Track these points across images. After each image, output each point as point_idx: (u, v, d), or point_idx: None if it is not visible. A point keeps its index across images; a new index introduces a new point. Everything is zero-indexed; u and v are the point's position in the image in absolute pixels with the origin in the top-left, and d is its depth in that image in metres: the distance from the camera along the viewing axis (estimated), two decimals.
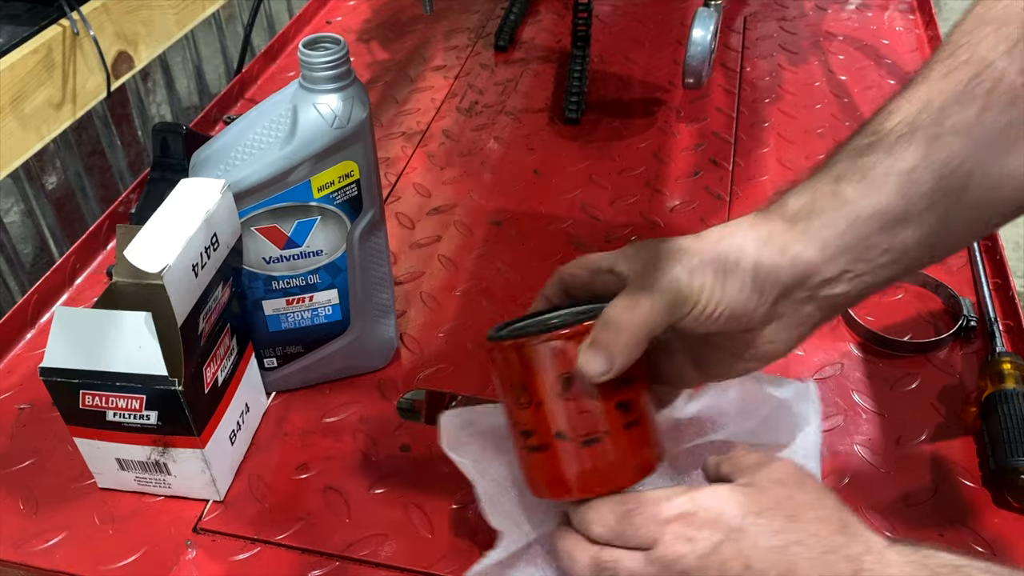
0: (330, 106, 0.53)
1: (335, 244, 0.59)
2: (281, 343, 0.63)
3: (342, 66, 0.53)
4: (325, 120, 0.54)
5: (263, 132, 0.55)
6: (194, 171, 0.56)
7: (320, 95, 0.53)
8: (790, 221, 0.44)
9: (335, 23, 1.18)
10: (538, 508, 0.52)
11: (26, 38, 0.83)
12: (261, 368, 0.64)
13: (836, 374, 0.67)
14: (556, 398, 0.45)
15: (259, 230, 0.57)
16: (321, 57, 0.52)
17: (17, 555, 0.56)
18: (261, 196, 0.56)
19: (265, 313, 0.61)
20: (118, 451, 0.56)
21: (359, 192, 0.58)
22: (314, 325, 0.63)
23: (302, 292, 0.61)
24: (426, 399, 0.66)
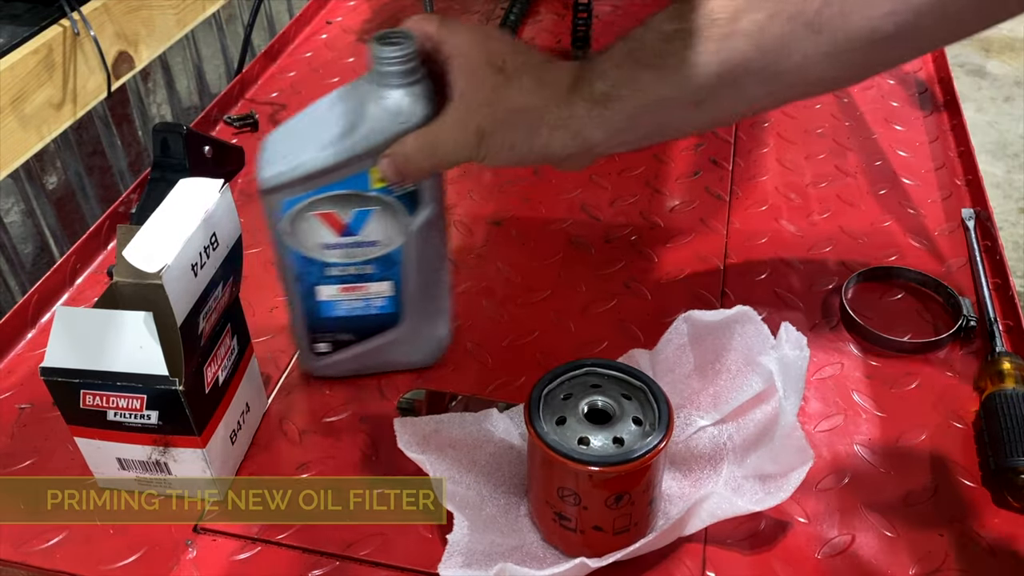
0: (397, 101, 0.54)
1: (391, 236, 0.59)
2: (333, 330, 0.64)
3: (410, 62, 0.53)
4: (390, 114, 0.54)
5: (330, 120, 0.55)
6: (261, 151, 0.57)
7: (387, 90, 0.54)
8: (591, 103, 0.51)
9: (335, 23, 1.18)
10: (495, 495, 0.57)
11: (27, 38, 0.83)
12: (313, 353, 0.65)
13: (836, 374, 0.67)
14: (604, 507, 0.51)
15: (318, 215, 0.57)
16: (390, 52, 0.53)
17: (17, 555, 0.56)
18: (322, 182, 0.56)
19: (319, 299, 0.62)
20: (119, 451, 0.56)
21: (418, 186, 0.58)
22: (366, 315, 0.63)
23: (356, 281, 0.61)
24: (426, 399, 0.66)
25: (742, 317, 0.57)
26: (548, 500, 0.52)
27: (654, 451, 0.49)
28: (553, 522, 0.53)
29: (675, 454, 0.59)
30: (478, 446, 0.58)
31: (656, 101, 0.50)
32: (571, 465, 0.49)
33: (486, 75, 0.52)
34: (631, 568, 0.54)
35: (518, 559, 0.53)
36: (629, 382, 0.53)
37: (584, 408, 0.52)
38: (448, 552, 0.52)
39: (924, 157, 0.89)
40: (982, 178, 0.83)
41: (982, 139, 2.37)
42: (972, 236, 0.77)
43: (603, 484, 0.50)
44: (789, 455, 0.53)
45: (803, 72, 0.48)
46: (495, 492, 0.57)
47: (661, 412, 0.51)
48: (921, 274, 0.74)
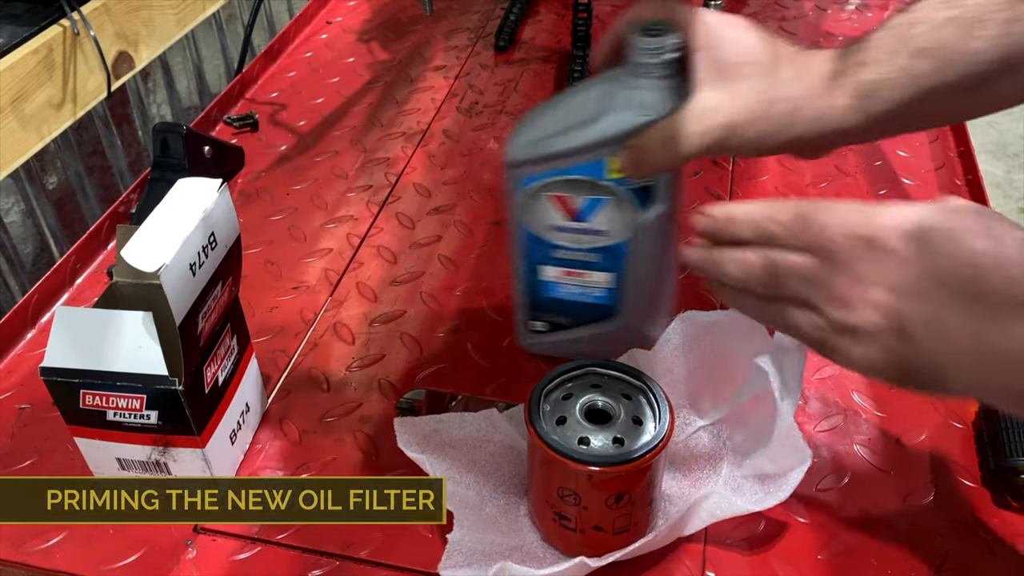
0: (646, 93, 0.53)
1: (619, 228, 0.59)
2: (551, 310, 0.65)
3: (667, 55, 0.52)
4: (636, 106, 0.54)
5: (581, 105, 0.55)
6: (516, 125, 0.58)
7: (640, 79, 0.53)
8: (856, 94, 0.49)
9: (335, 23, 1.18)
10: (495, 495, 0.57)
11: (26, 38, 0.83)
12: (529, 330, 0.66)
13: (836, 374, 0.67)
14: (603, 507, 0.51)
15: (551, 197, 0.58)
16: (648, 44, 0.52)
17: (17, 555, 0.56)
18: (560, 164, 0.56)
19: (541, 278, 0.63)
20: (118, 451, 0.56)
21: (653, 182, 0.58)
22: (584, 302, 0.63)
23: (579, 267, 0.61)
24: (426, 399, 0.66)
25: (739, 317, 0.57)
26: (548, 500, 0.52)
27: (654, 451, 0.49)
28: (553, 522, 0.53)
29: (674, 454, 0.59)
30: (478, 446, 0.58)
31: (929, 90, 0.48)
32: (571, 465, 0.49)
33: (738, 66, 0.51)
34: (631, 568, 0.54)
35: (518, 559, 0.53)
36: (629, 382, 0.53)
37: (584, 408, 0.52)
38: (448, 552, 0.52)
39: (924, 157, 0.89)
40: (982, 178, 0.83)
41: (982, 139, 2.37)
42: None
43: (603, 484, 0.50)
44: (787, 455, 0.53)
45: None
46: (495, 492, 0.57)
47: (661, 412, 0.51)
48: None
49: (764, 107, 0.50)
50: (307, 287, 0.77)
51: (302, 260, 0.80)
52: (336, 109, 1.01)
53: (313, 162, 0.92)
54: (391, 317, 0.73)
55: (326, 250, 0.81)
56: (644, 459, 0.49)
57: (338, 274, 0.78)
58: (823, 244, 0.43)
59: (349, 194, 0.88)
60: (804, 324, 0.44)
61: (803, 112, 0.50)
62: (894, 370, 0.42)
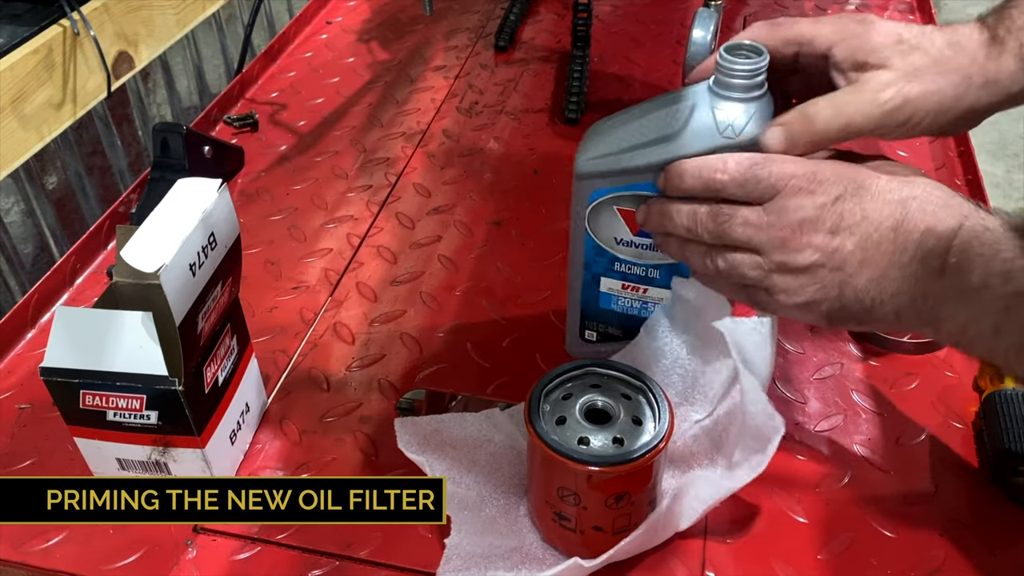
0: (729, 114, 0.52)
1: None
2: (605, 321, 0.64)
3: (751, 78, 0.52)
4: (716, 126, 0.53)
5: (657, 120, 0.55)
6: (587, 136, 0.57)
7: (721, 100, 0.53)
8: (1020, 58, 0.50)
9: (335, 23, 1.19)
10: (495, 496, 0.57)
11: (26, 38, 0.83)
12: (581, 338, 0.66)
13: (836, 374, 0.67)
14: (603, 507, 0.51)
15: (620, 210, 0.57)
16: (739, 65, 0.51)
17: (17, 555, 0.56)
18: (630, 179, 0.56)
19: (600, 289, 0.62)
20: (118, 451, 0.56)
21: None
22: (639, 316, 0.63)
23: (638, 282, 0.61)
24: (426, 399, 0.66)
25: (714, 303, 0.57)
26: (548, 500, 0.52)
27: (654, 451, 0.49)
28: (553, 522, 0.53)
29: (673, 452, 0.59)
30: (478, 446, 0.58)
31: None
32: (571, 465, 0.49)
33: (881, 49, 0.51)
34: (631, 568, 0.54)
35: (517, 560, 0.53)
36: (629, 382, 0.53)
37: (584, 408, 0.52)
38: (446, 556, 0.52)
39: (924, 157, 0.89)
40: (982, 178, 0.83)
41: (982, 139, 2.37)
42: None
43: (603, 484, 0.50)
44: (760, 426, 0.53)
45: None
46: (495, 492, 0.57)
47: (661, 412, 0.51)
48: None
49: (936, 78, 0.50)
50: (307, 287, 0.77)
51: (302, 260, 0.80)
52: (336, 109, 1.01)
53: (313, 162, 0.92)
54: (391, 317, 0.73)
55: (326, 250, 0.81)
56: (644, 459, 0.49)
57: (338, 274, 0.78)
58: (767, 194, 0.48)
59: (349, 194, 0.88)
60: (746, 265, 0.49)
61: (974, 79, 0.50)
62: (827, 303, 0.48)
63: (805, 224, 0.47)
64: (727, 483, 0.53)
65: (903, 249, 0.46)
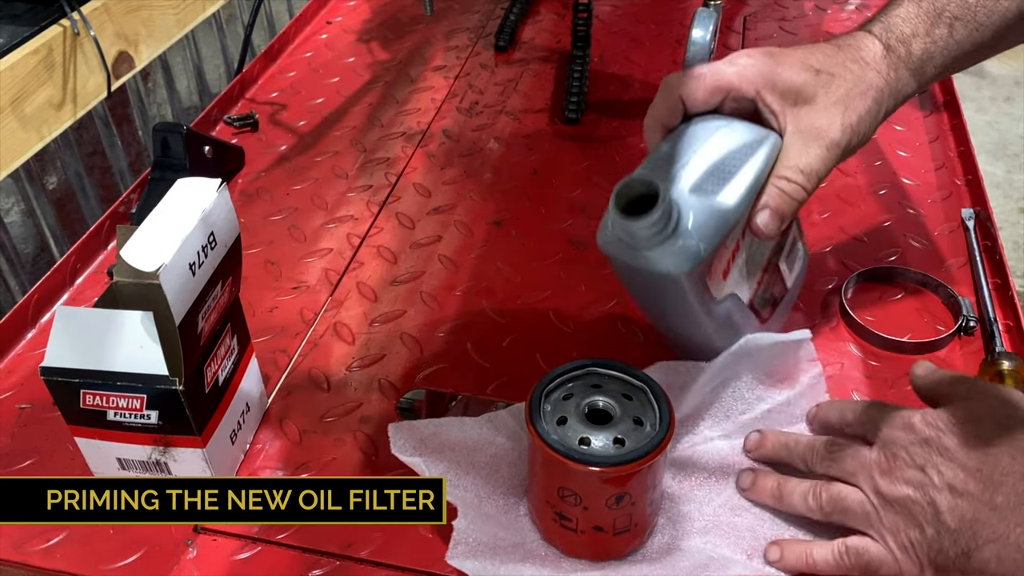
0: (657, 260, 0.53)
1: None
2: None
3: (663, 228, 0.52)
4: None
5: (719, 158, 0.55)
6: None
7: (646, 251, 0.54)
8: (910, 68, 0.55)
9: (335, 23, 1.19)
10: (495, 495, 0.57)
11: (27, 38, 0.83)
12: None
13: (836, 374, 0.67)
14: (604, 507, 0.51)
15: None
16: (641, 227, 0.52)
17: (17, 555, 0.56)
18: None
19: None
20: (119, 451, 0.56)
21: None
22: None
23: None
24: (426, 399, 0.66)
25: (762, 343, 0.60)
26: (549, 500, 0.52)
27: (655, 451, 0.49)
28: (553, 522, 0.53)
29: (681, 455, 0.59)
30: (477, 448, 0.58)
31: (965, 52, 0.55)
32: (572, 465, 0.49)
33: (806, 87, 0.54)
34: None
35: (520, 556, 0.53)
36: (629, 382, 0.53)
37: (585, 408, 0.52)
38: (454, 540, 0.52)
39: (924, 157, 0.89)
40: (982, 178, 0.83)
41: (982, 139, 2.37)
42: (972, 236, 0.77)
43: (604, 484, 0.50)
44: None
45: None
46: (494, 493, 0.57)
47: (662, 412, 0.51)
48: (921, 274, 0.74)
49: (860, 101, 0.54)
50: (307, 287, 0.77)
51: (302, 260, 0.80)
52: (336, 109, 1.01)
53: (313, 162, 0.92)
54: (391, 317, 0.73)
55: (326, 250, 0.81)
56: (645, 459, 0.49)
57: (338, 274, 0.78)
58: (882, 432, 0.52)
59: (349, 194, 0.88)
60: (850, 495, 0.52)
61: (884, 93, 0.55)
62: (925, 545, 0.48)
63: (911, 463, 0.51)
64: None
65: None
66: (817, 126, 0.53)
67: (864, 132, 0.54)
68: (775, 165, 0.54)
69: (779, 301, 0.66)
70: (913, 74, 0.55)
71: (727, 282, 0.58)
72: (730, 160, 0.54)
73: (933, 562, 0.48)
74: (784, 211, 0.54)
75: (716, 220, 0.53)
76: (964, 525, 0.47)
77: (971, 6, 0.54)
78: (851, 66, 0.54)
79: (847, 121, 0.53)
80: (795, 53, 0.55)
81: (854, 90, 0.54)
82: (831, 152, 0.53)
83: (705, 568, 0.52)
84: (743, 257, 0.59)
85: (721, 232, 0.53)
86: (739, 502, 0.57)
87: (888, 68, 0.55)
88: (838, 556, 0.51)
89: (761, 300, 0.63)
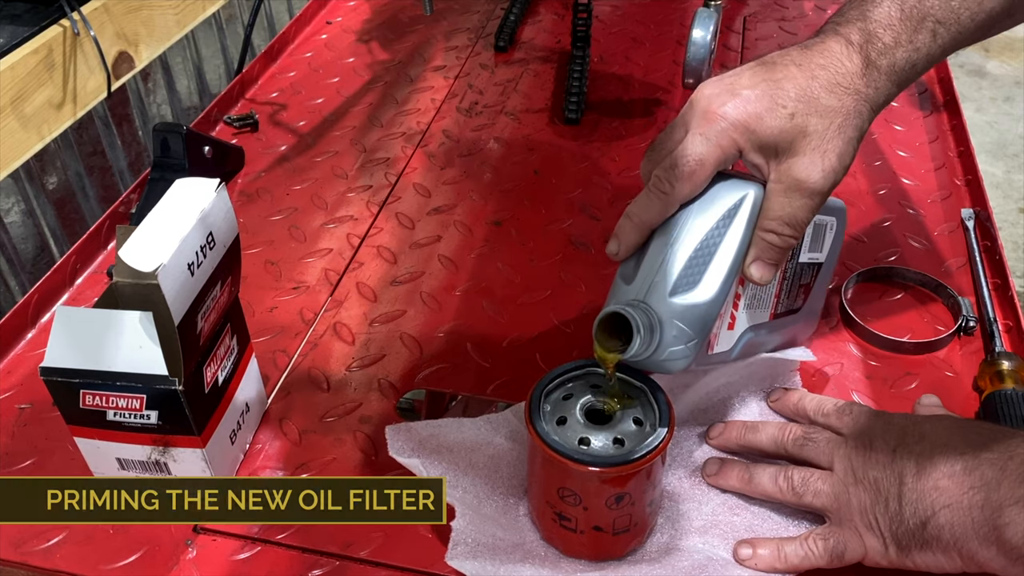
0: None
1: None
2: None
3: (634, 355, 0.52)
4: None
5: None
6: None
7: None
8: (892, 75, 0.53)
9: (335, 23, 1.19)
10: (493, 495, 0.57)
11: (27, 38, 0.83)
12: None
13: (836, 374, 0.67)
14: (604, 507, 0.51)
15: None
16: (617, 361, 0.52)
17: (17, 555, 0.56)
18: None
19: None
20: (119, 451, 0.56)
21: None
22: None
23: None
24: (426, 399, 0.66)
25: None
26: (548, 500, 0.52)
27: (655, 451, 0.49)
28: (553, 522, 0.53)
29: (681, 453, 0.59)
30: (476, 449, 0.58)
31: (947, 50, 0.54)
32: (572, 465, 0.49)
33: (783, 143, 0.52)
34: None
35: (520, 557, 0.53)
36: (629, 382, 0.53)
37: (584, 408, 0.52)
38: (453, 541, 0.52)
39: (924, 157, 0.89)
40: (982, 178, 0.83)
41: (982, 139, 2.37)
42: (972, 236, 0.77)
43: (604, 484, 0.50)
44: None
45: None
46: (493, 494, 0.57)
47: (661, 412, 0.51)
48: (921, 274, 0.74)
49: (841, 135, 0.52)
50: (307, 287, 0.77)
51: (302, 260, 0.80)
52: (336, 109, 1.01)
53: (313, 162, 0.92)
54: (391, 317, 0.73)
55: (326, 250, 0.81)
56: (645, 459, 0.49)
57: (338, 274, 0.78)
58: (860, 423, 0.54)
59: (349, 194, 0.88)
60: (821, 477, 0.54)
61: (864, 115, 0.53)
62: (888, 519, 0.50)
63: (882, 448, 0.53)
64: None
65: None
66: (798, 178, 0.52)
67: (847, 162, 0.53)
68: (760, 217, 0.53)
69: (812, 285, 0.65)
70: (894, 84, 0.53)
71: (736, 329, 0.58)
72: (710, 239, 0.53)
73: (895, 536, 0.50)
74: (775, 260, 0.54)
75: (701, 314, 0.52)
76: (924, 494, 0.49)
77: (954, 8, 0.52)
78: (825, 99, 0.52)
79: (827, 166, 0.52)
80: (766, 91, 0.52)
81: (830, 129, 0.52)
82: (814, 200, 0.52)
83: (704, 568, 0.52)
84: (748, 295, 0.58)
85: (709, 321, 0.53)
86: (737, 501, 0.57)
87: (867, 85, 0.52)
88: (807, 547, 0.52)
89: (785, 305, 0.62)
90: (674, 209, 0.54)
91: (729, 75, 0.54)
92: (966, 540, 0.47)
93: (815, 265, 0.64)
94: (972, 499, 0.47)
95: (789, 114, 0.51)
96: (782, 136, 0.52)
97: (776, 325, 0.62)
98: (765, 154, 0.53)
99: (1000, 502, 0.46)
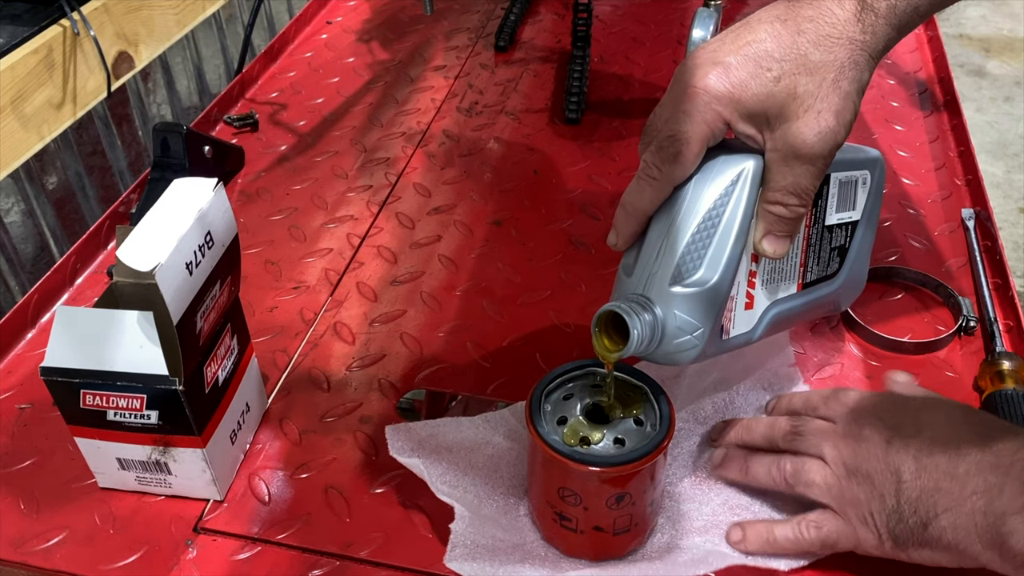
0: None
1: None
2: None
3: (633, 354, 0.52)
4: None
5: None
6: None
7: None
8: (893, 23, 0.49)
9: (335, 23, 1.19)
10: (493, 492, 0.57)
11: (27, 38, 0.83)
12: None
13: (836, 374, 0.67)
14: (605, 507, 0.50)
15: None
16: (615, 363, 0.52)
17: (17, 555, 0.56)
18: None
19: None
20: (119, 451, 0.56)
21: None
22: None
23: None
24: (426, 399, 0.66)
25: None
26: (549, 500, 0.52)
27: (655, 451, 0.49)
28: (554, 522, 0.53)
29: (681, 453, 0.59)
30: (476, 449, 0.58)
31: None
32: (572, 465, 0.49)
33: (771, 110, 0.49)
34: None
35: (520, 557, 0.53)
36: (629, 382, 0.53)
37: (585, 408, 0.52)
38: (452, 543, 0.52)
39: (924, 157, 0.89)
40: (982, 178, 0.83)
41: (982, 139, 2.37)
42: (972, 236, 0.77)
43: (604, 484, 0.50)
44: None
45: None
46: (493, 494, 0.57)
47: (662, 412, 0.51)
48: (921, 274, 0.74)
49: (836, 94, 0.48)
50: (307, 287, 0.77)
51: (302, 260, 0.80)
52: (336, 109, 1.01)
53: (313, 162, 0.92)
54: (391, 317, 0.73)
55: (326, 250, 0.81)
56: (645, 459, 0.49)
57: (338, 274, 0.78)
58: (851, 410, 0.54)
59: (349, 194, 0.88)
60: (814, 467, 0.53)
61: (860, 65, 0.49)
62: (885, 516, 0.50)
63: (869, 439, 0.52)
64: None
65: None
66: (794, 144, 0.48)
67: (848, 119, 0.49)
68: (763, 189, 0.51)
69: (849, 246, 0.62)
70: (894, 28, 0.49)
71: (755, 308, 0.56)
72: (709, 220, 0.51)
73: (892, 532, 0.49)
74: (787, 232, 0.52)
75: (706, 300, 0.51)
76: (925, 495, 0.48)
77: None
78: (813, 55, 0.48)
79: (824, 127, 0.48)
80: (749, 55, 0.48)
81: (822, 87, 0.48)
82: (816, 164, 0.49)
83: (703, 561, 0.52)
84: (765, 271, 0.56)
85: (716, 307, 0.51)
86: (738, 501, 0.57)
87: (862, 32, 0.48)
88: (798, 532, 0.52)
89: (816, 273, 0.60)
90: (667, 193, 0.51)
91: (714, 41, 0.50)
92: (969, 543, 0.47)
93: (848, 224, 0.61)
94: (975, 504, 0.46)
95: (775, 77, 0.48)
96: (770, 102, 0.48)
97: (808, 294, 0.60)
98: (756, 123, 0.49)
99: (1004, 510, 0.45)
